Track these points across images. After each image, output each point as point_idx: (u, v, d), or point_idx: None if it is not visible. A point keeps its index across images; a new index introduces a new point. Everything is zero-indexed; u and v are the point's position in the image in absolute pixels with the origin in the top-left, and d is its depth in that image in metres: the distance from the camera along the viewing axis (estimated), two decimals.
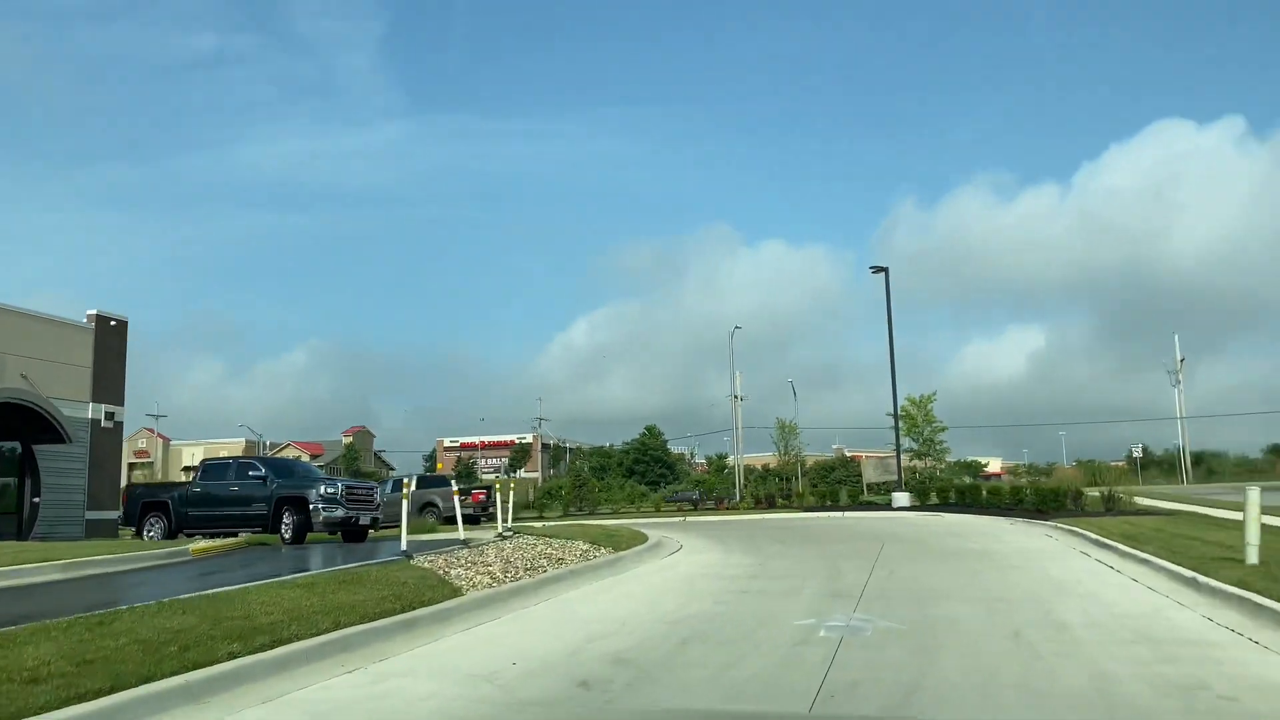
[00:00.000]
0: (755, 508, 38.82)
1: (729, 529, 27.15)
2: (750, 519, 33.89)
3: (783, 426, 45.26)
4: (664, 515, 40.02)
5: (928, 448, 36.37)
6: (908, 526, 25.16)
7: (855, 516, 32.12)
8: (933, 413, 36.02)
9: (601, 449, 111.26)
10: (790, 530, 25.27)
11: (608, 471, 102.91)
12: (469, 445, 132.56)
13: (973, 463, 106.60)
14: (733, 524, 30.43)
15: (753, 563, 15.84)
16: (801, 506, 37.16)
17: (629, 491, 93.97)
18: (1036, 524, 23.52)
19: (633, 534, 20.71)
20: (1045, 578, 12.89)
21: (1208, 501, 30.97)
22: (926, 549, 17.80)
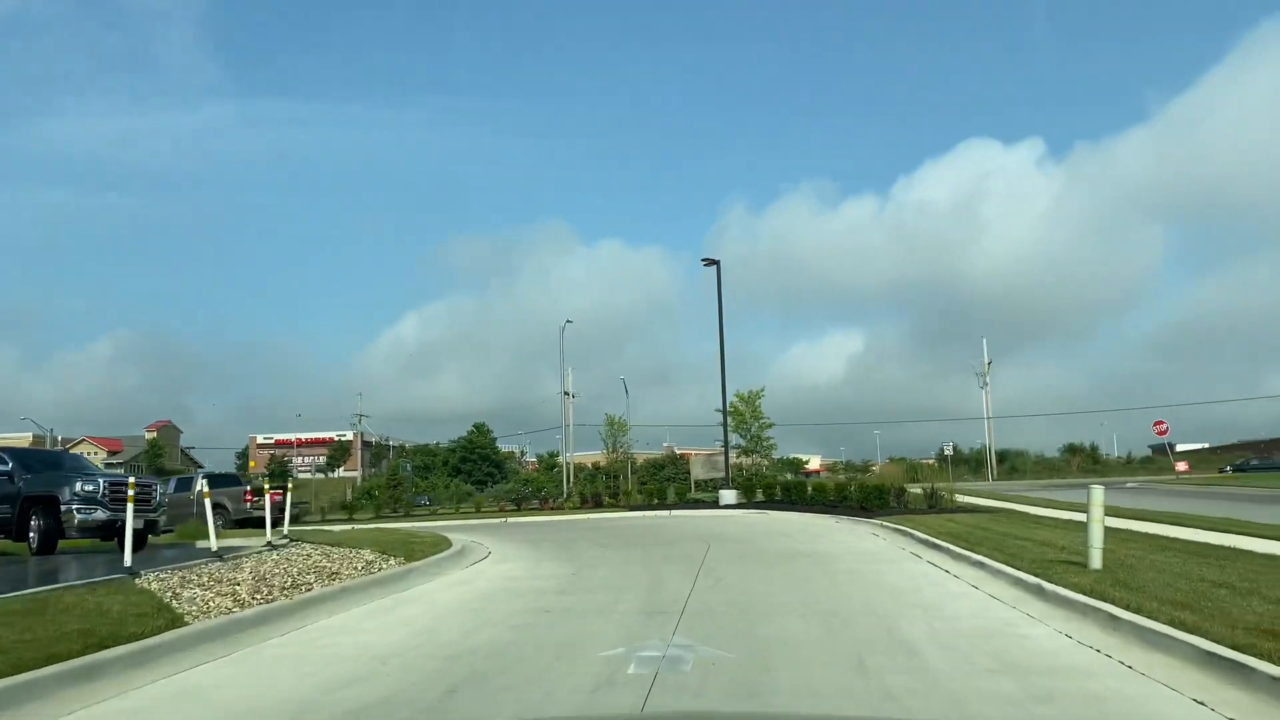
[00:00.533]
0: (581, 507, 37.22)
1: (548, 531, 25.38)
2: (574, 519, 32.25)
3: (611, 423, 43.92)
4: (485, 516, 37.86)
5: (755, 444, 35.74)
6: (735, 525, 24.10)
7: (682, 515, 30.98)
8: (761, 409, 35.46)
9: (426, 447, 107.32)
10: (613, 531, 23.74)
11: (432, 470, 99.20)
12: (284, 442, 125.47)
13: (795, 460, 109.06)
14: (554, 525, 28.68)
15: (565, 572, 14.11)
16: (628, 505, 35.83)
17: (453, 491, 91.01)
18: (862, 522, 22.90)
19: (435, 540, 18.62)
20: (881, 584, 11.74)
21: (1023, 499, 31.62)
22: (754, 551, 16.57)
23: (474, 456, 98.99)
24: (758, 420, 35.50)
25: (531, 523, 32.16)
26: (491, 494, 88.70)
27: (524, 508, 39.55)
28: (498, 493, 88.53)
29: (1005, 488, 56.99)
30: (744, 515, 28.73)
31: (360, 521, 39.06)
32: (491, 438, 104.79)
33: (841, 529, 21.82)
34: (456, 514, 40.10)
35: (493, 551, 18.18)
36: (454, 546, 17.43)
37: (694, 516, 29.79)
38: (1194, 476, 62.06)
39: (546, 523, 30.93)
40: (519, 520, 34.78)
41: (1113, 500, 31.44)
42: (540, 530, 25.93)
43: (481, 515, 38.42)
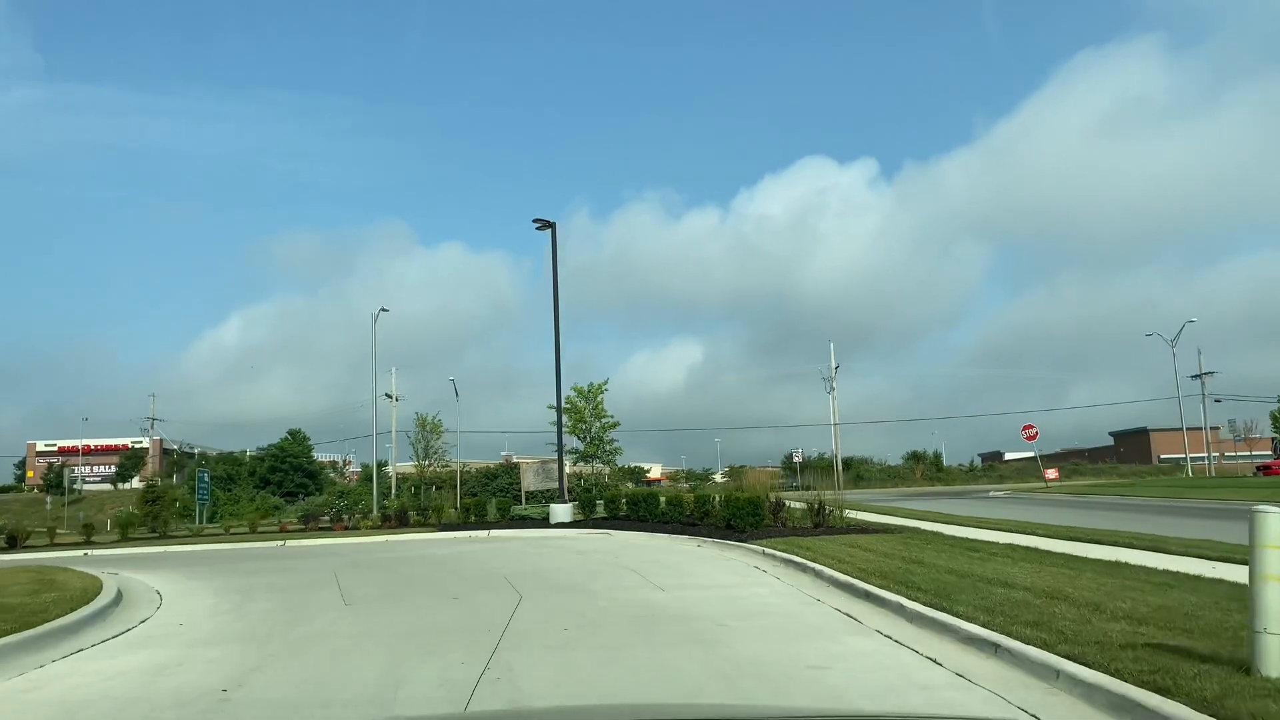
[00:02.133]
0: (382, 526, 30.37)
1: (305, 566, 18.59)
2: (362, 544, 25.48)
3: (423, 424, 36.72)
4: (261, 538, 30.43)
5: (596, 448, 29.76)
6: (566, 555, 18.02)
7: (502, 538, 24.76)
8: (603, 405, 29.63)
9: (231, 455, 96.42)
10: (392, 567, 17.22)
11: (236, 482, 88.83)
12: (69, 450, 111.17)
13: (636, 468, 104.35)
14: (325, 555, 21.87)
15: (243, 665, 7.67)
16: (439, 524, 29.29)
17: (258, 505, 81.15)
18: (733, 546, 17.29)
19: (84, 588, 11.71)
20: (824, 690, 5.96)
21: (898, 510, 26.95)
22: (588, 610, 10.45)
23: (284, 466, 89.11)
24: (600, 419, 29.57)
25: (306, 548, 25.16)
26: (299, 508, 79.76)
27: (313, 527, 32.25)
28: (306, 507, 79.66)
29: (861, 497, 53.06)
30: (581, 537, 22.73)
31: (99, 546, 30.85)
32: (308, 445, 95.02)
33: (710, 559, 16.09)
34: (227, 536, 32.39)
35: (168, 608, 11.43)
36: (100, 601, 10.64)
37: (516, 539, 23.59)
38: (1066, 484, 58.95)
39: (322, 550, 24.07)
40: (298, 544, 27.69)
41: (996, 511, 27.15)
42: (295, 564, 19.13)
43: (258, 537, 30.94)
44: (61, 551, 30.18)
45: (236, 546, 28.85)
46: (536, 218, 27.07)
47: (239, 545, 29.38)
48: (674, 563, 15.53)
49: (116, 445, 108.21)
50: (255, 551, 24.73)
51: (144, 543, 31.35)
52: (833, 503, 19.54)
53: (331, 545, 25.88)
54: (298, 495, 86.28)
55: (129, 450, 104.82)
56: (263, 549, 26.11)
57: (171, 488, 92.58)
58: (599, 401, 29.27)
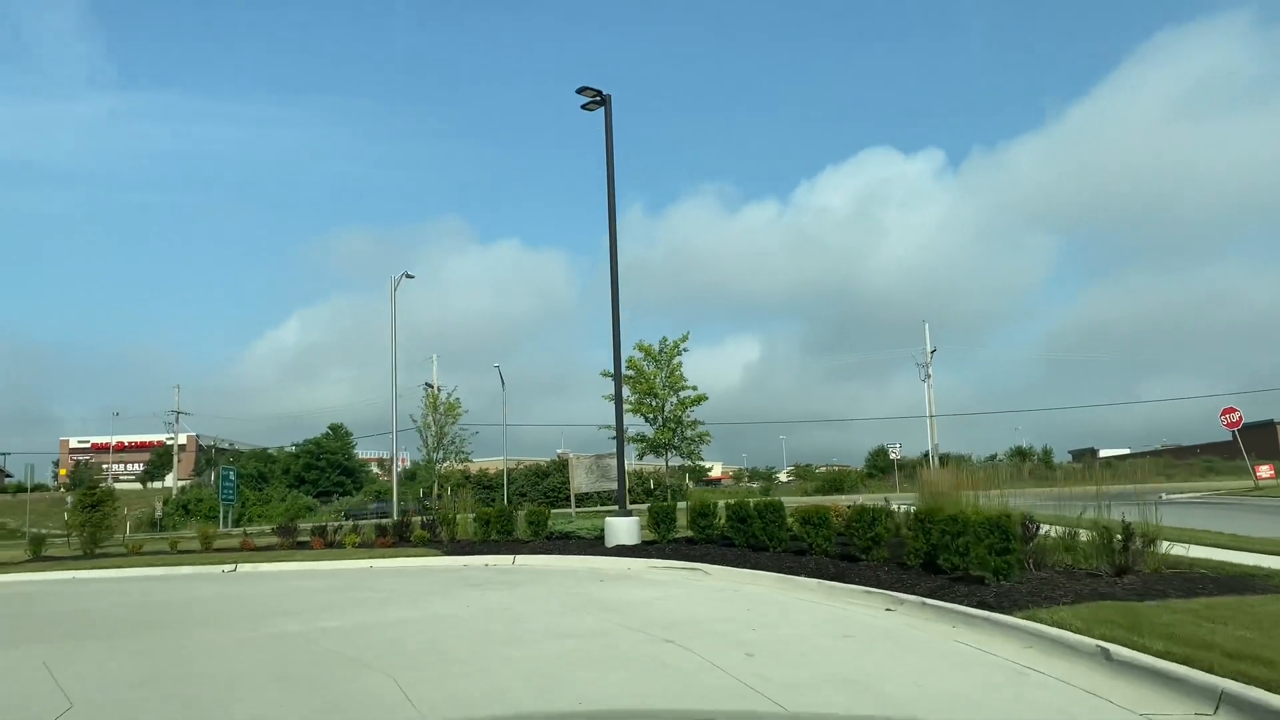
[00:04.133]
0: (376, 543, 21.74)
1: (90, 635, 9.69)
2: (320, 573, 16.78)
3: (433, 403, 27.48)
4: (210, 561, 22.00)
5: (671, 434, 20.16)
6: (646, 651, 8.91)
7: (531, 569, 15.85)
8: (681, 372, 20.19)
9: (265, 452, 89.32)
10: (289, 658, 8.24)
11: (268, 480, 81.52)
12: (101, 446, 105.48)
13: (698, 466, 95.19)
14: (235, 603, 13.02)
15: None
16: (450, 541, 20.51)
17: (288, 505, 73.45)
18: (983, 621, 8.22)
19: None
20: None
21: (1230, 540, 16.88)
22: None
23: (320, 463, 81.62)
24: (677, 390, 20.04)
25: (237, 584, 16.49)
26: (333, 509, 71.93)
27: (285, 544, 23.62)
28: (340, 507, 71.78)
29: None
30: (658, 579, 13.72)
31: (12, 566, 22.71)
32: (348, 441, 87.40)
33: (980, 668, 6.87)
34: (169, 556, 23.93)
35: None
36: None
37: (549, 576, 14.65)
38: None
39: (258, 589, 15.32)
40: (253, 569, 19.23)
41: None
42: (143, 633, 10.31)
43: (206, 559, 22.45)
44: None
45: (158, 573, 20.39)
46: (583, 87, 17.99)
47: (168, 570, 20.89)
48: (919, 691, 6.26)
49: (150, 442, 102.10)
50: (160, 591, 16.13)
51: (53, 565, 23.00)
52: (1143, 529, 10.14)
53: (282, 576, 17.19)
54: (333, 495, 78.66)
55: (161, 446, 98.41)
56: (190, 579, 17.52)
57: (201, 485, 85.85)
58: (675, 366, 19.85)
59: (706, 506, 15.68)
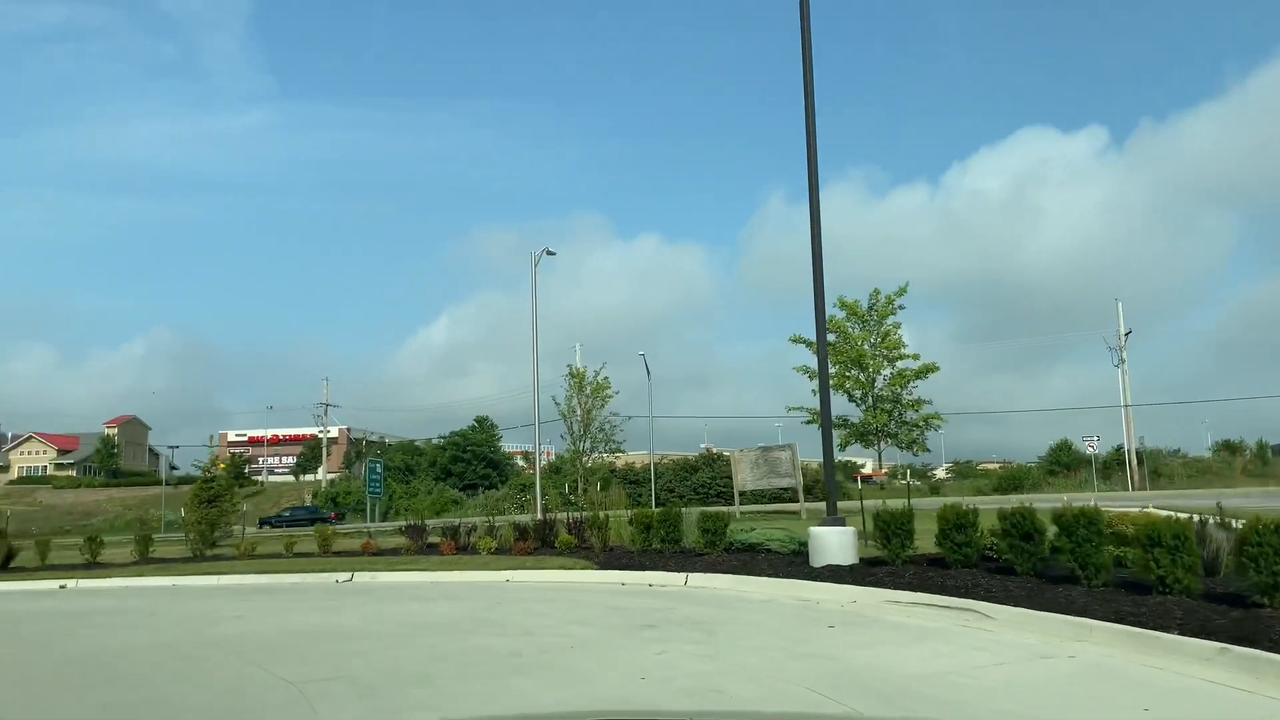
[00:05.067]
0: (515, 548, 18.03)
1: None
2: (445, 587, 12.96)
3: (578, 381, 23.22)
4: (322, 568, 18.81)
5: (886, 417, 15.12)
6: None
7: (717, 596, 11.62)
8: (899, 337, 15.22)
9: (412, 445, 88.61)
10: None
11: (415, 473, 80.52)
12: (257, 439, 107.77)
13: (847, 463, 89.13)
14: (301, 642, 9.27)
15: None
16: (602, 549, 16.58)
17: (434, 498, 71.86)
18: None
19: None
20: None
21: None
22: None
23: (466, 456, 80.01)
24: (895, 355, 15.01)
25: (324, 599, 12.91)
26: (478, 502, 69.80)
27: (411, 548, 20.18)
28: (486, 501, 69.60)
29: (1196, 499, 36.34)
30: (916, 633, 9.33)
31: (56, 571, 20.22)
32: (494, 434, 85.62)
33: None
34: (282, 560, 20.90)
35: None
36: None
37: (737, 613, 10.45)
38: None
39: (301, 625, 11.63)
40: (369, 580, 15.77)
41: None
42: None
43: (320, 564, 19.27)
44: (22, 582, 19.55)
45: (262, 582, 17.23)
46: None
47: (274, 579, 17.72)
48: None
49: (303, 435, 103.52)
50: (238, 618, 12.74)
51: (155, 569, 20.29)
52: None
53: (400, 593, 13.54)
54: (478, 488, 76.79)
55: (312, 439, 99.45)
56: (292, 596, 14.13)
57: (351, 478, 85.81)
58: (889, 330, 14.96)
59: (964, 515, 11.05)
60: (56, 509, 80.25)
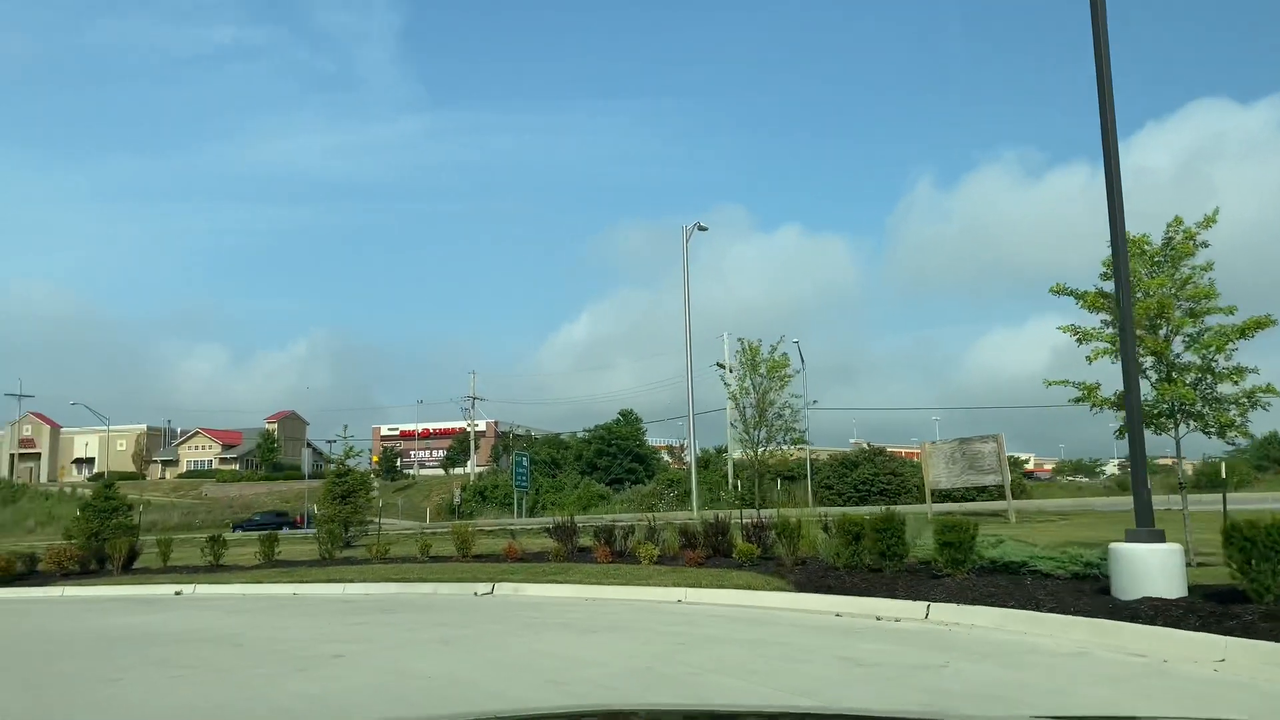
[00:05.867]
0: (680, 556, 14.87)
1: None
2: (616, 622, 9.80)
3: (751, 356, 19.60)
4: (460, 576, 16.13)
5: (1193, 392, 11.12)
6: None
7: (1004, 652, 8.01)
8: (1208, 278, 11.16)
9: (557, 438, 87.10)
10: None
11: (561, 467, 78.88)
12: (408, 433, 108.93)
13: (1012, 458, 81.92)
14: None
15: None
16: (796, 562, 13.16)
17: (580, 493, 69.83)
18: None
19: None
20: None
21: None
22: None
23: (611, 450, 77.74)
24: (1199, 311, 10.77)
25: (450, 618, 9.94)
26: (625, 497, 67.33)
27: (560, 553, 17.22)
28: (633, 496, 67.05)
29: None
30: None
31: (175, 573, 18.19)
32: (639, 427, 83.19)
33: None
34: (416, 564, 18.32)
35: None
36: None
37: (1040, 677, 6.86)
38: None
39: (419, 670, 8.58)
40: (511, 594, 12.88)
41: None
42: None
43: (460, 571, 16.58)
44: (139, 586, 17.60)
45: (389, 592, 14.57)
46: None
47: (401, 589, 15.07)
48: None
49: (451, 429, 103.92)
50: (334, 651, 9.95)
51: (277, 574, 18.01)
52: None
53: (544, 617, 10.48)
54: (624, 482, 74.45)
55: (461, 434, 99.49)
56: (415, 616, 11.29)
57: (497, 472, 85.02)
58: (1191, 275, 10.89)
59: None
60: (219, 502, 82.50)
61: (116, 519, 22.53)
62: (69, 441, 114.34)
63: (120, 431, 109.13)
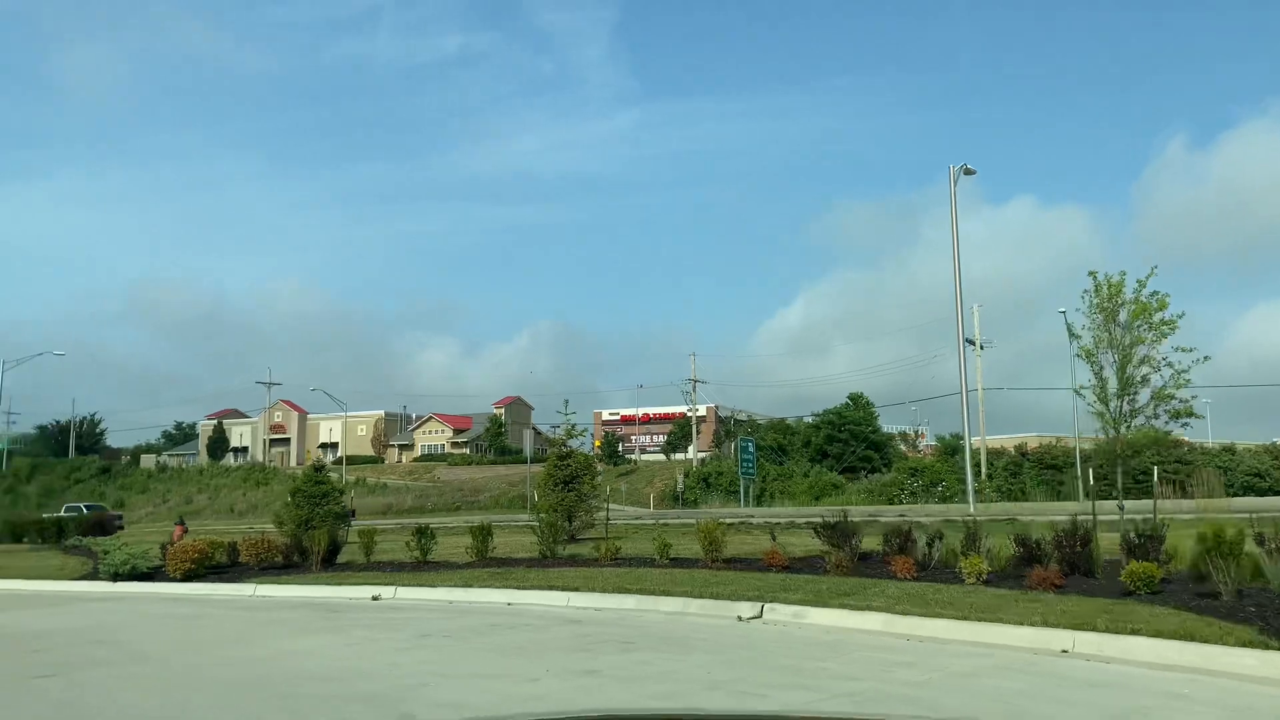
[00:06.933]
0: (1035, 581, 10.39)
1: None
2: None
3: (1112, 289, 14.24)
4: (727, 586, 12.27)
5: None
6: None
7: None
8: None
9: (783, 423, 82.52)
10: None
11: (788, 454, 74.36)
12: (628, 418, 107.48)
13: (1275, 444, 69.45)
14: None
15: None
16: (1233, 597, 8.48)
17: (812, 481, 65.08)
18: None
19: None
20: None
21: None
22: None
23: (843, 435, 72.48)
24: None
25: None
26: (862, 488, 61.93)
27: (842, 562, 13.00)
28: (870, 486, 61.57)
29: None
30: None
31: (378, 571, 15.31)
32: (871, 412, 77.42)
33: None
34: (660, 570, 14.66)
35: None
36: None
37: None
38: None
39: None
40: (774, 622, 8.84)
41: None
42: None
43: (718, 581, 12.77)
44: (335, 586, 14.92)
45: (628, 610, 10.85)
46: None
47: (643, 604, 11.40)
48: None
49: (671, 414, 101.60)
50: None
51: (491, 574, 14.84)
52: None
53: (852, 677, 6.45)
54: (858, 471, 69.05)
55: (681, 418, 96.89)
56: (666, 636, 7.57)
57: (720, 458, 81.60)
58: None
59: None
60: (450, 485, 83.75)
61: (326, 505, 20.29)
62: (315, 427, 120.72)
63: (360, 417, 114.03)
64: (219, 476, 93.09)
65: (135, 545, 18.61)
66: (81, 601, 14.76)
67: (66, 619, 12.37)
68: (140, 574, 16.58)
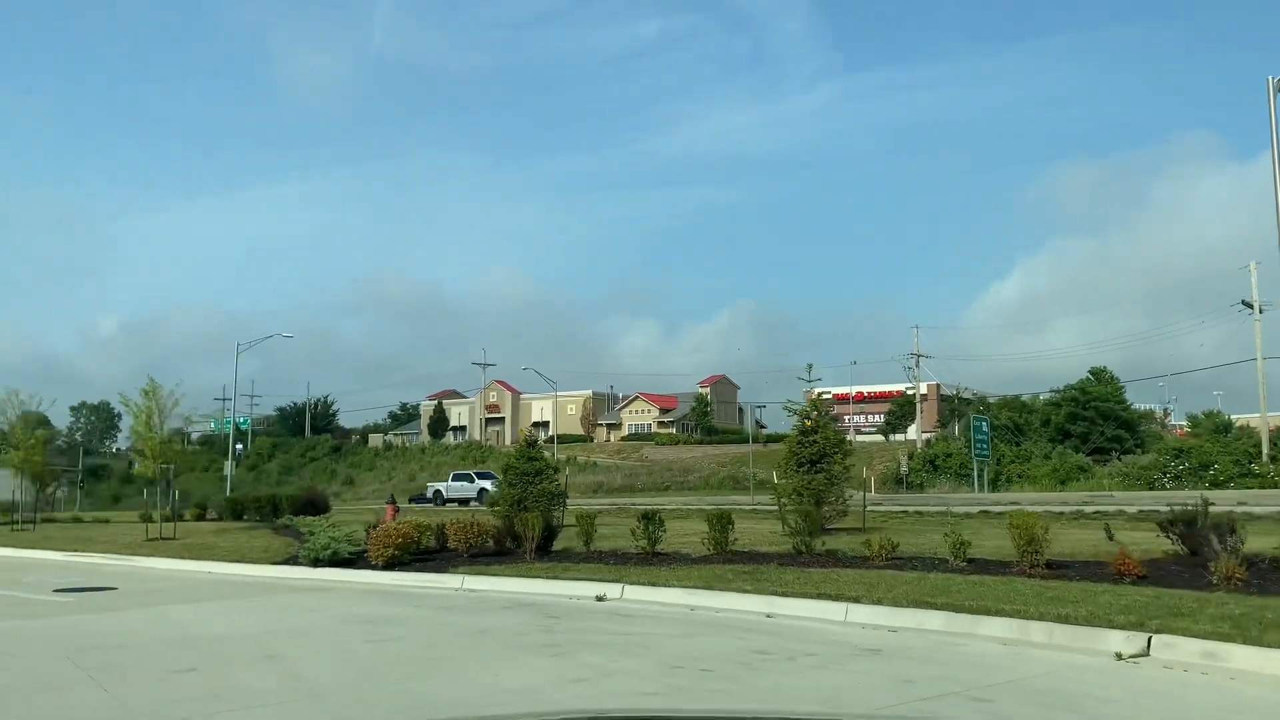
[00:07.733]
0: None
1: None
2: None
3: None
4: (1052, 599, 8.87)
5: None
6: None
7: None
8: None
9: (1018, 401, 75.65)
10: None
11: (1024, 433, 67.91)
12: (841, 397, 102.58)
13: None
14: None
15: None
16: None
17: (1055, 464, 58.73)
18: None
19: None
20: None
21: None
22: None
23: (1088, 414, 65.33)
24: None
25: None
26: (1115, 470, 55.14)
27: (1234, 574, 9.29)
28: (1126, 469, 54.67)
29: None
30: None
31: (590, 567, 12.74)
32: (1118, 388, 69.61)
33: None
34: (958, 579, 11.37)
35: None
36: None
37: None
38: None
39: None
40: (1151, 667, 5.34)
41: None
42: None
43: (1029, 591, 9.40)
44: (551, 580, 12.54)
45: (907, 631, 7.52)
46: None
47: (966, 626, 8.11)
48: None
49: (888, 392, 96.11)
50: None
51: (735, 573, 12.00)
52: None
53: None
54: (1108, 453, 61.88)
55: (900, 397, 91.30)
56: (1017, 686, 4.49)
57: (947, 439, 75.84)
58: None
59: None
60: (658, 464, 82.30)
61: (540, 484, 18.14)
62: (527, 407, 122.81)
63: (569, 397, 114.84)
64: (439, 455, 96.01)
65: (340, 528, 17.14)
66: (271, 592, 13.13)
67: (244, 618, 10.57)
68: (341, 559, 14.93)
